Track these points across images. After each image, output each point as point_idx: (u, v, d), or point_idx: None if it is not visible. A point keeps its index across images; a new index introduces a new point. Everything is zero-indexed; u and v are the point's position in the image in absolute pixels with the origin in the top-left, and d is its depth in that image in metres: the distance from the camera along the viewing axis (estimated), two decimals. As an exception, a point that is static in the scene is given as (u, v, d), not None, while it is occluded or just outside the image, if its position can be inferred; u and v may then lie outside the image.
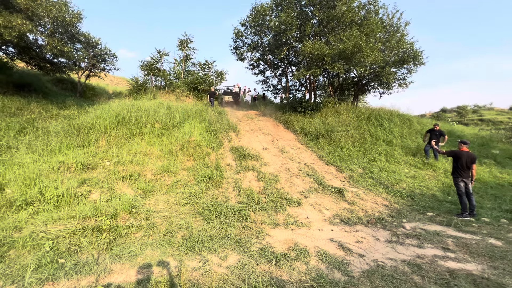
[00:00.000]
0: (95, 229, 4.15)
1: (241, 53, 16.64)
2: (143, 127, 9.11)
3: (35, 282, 2.96)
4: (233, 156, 8.71)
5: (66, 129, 8.48)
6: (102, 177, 6.10)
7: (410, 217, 5.57)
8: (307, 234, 4.64)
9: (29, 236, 3.83)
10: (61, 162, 6.34)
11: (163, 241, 4.10)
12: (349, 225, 5.12)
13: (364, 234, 4.64)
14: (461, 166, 5.84)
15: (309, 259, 3.66)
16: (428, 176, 8.66)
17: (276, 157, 9.30)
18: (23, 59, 11.79)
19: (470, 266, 3.44)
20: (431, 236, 4.49)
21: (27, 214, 4.48)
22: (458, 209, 5.97)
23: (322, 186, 7.17)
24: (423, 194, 7.11)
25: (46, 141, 7.58)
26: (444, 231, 4.76)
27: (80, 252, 3.69)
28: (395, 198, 6.73)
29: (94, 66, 15.75)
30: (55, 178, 5.57)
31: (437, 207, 6.28)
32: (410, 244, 4.18)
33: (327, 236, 4.56)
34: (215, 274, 3.19)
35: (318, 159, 9.55)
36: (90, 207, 4.67)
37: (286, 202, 5.96)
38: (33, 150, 7.01)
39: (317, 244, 4.20)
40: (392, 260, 3.62)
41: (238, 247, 4.01)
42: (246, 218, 5.13)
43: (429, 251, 3.90)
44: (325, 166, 8.95)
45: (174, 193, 5.99)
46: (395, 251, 3.94)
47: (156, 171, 6.82)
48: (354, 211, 5.82)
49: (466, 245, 4.10)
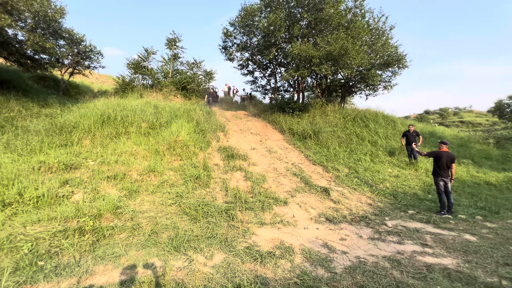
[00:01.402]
0: (77, 231, 4.05)
1: (230, 53, 16.62)
2: (129, 126, 8.95)
3: (12, 285, 2.86)
4: (221, 156, 8.70)
5: (47, 128, 8.21)
6: (85, 177, 5.96)
7: (393, 215, 5.75)
8: (293, 232, 4.71)
9: (6, 238, 3.69)
10: (42, 162, 6.14)
11: (148, 242, 4.06)
12: (334, 223, 5.24)
13: (348, 232, 4.76)
14: (441, 165, 6.08)
15: (294, 257, 3.72)
16: (411, 176, 8.96)
17: (264, 157, 9.36)
18: (1, 54, 11.31)
19: (446, 260, 3.61)
20: (411, 233, 4.66)
21: (4, 215, 4.32)
22: (437, 207, 6.22)
23: (309, 185, 7.28)
24: (405, 193, 7.35)
25: (25, 140, 7.31)
26: (423, 228, 4.96)
27: (61, 254, 3.59)
28: (379, 197, 6.93)
29: (78, 64, 15.30)
30: (35, 179, 5.39)
31: (418, 205, 6.52)
32: (391, 241, 4.33)
33: (313, 234, 4.65)
34: (200, 273, 3.20)
35: (305, 159, 9.68)
36: (72, 208, 4.55)
37: (273, 202, 6.02)
38: (11, 149, 6.75)
39: (302, 242, 4.28)
40: (374, 256, 3.75)
41: (224, 246, 4.02)
42: (233, 218, 5.15)
43: (408, 247, 4.06)
44: (312, 166, 9.08)
45: (160, 193, 5.93)
46: (377, 247, 4.07)
47: (142, 171, 6.71)
48: (339, 210, 5.96)
49: (443, 241, 4.29)
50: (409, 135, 10.08)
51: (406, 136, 10.21)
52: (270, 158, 9.25)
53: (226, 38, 16.21)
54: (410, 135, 10.06)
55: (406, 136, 10.24)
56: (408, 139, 10.06)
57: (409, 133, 10.15)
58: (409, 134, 10.11)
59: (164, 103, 12.60)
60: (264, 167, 8.39)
